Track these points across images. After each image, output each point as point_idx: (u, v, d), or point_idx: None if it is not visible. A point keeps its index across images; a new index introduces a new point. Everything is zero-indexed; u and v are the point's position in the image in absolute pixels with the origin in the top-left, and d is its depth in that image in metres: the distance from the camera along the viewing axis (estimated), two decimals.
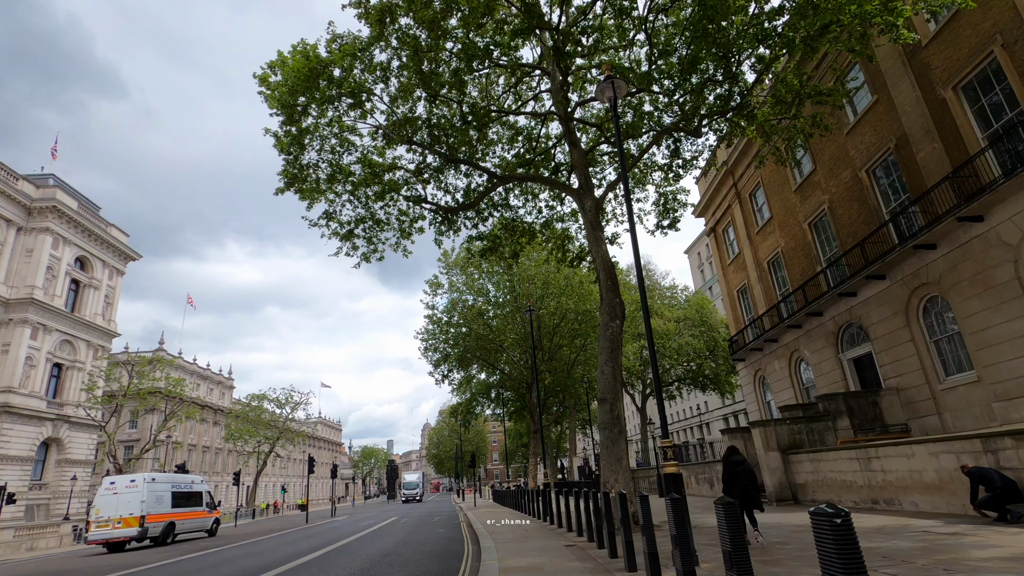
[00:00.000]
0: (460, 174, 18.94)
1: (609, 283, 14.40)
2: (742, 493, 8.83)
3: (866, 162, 16.80)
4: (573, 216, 21.87)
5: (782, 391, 22.74)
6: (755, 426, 15.88)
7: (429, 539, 15.17)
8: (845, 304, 18.00)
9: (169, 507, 19.12)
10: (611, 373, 13.18)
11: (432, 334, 33.68)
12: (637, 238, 9.01)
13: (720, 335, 43.60)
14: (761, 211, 24.19)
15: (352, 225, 18.66)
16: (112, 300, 46.82)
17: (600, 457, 12.67)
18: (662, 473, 7.37)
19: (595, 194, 16.09)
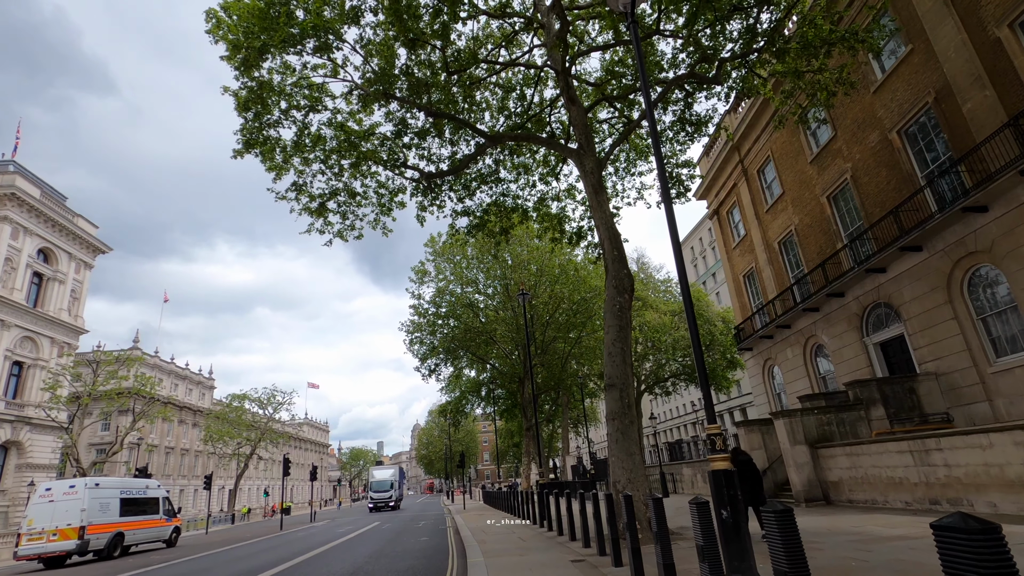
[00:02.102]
0: (445, 141, 16.98)
1: (615, 252, 12.54)
2: (749, 490, 9.08)
3: (898, 121, 15.06)
4: (570, 195, 20.02)
5: (795, 381, 21.00)
6: (779, 417, 14.07)
7: (409, 551, 13.18)
8: (872, 282, 16.28)
9: (117, 516, 16.91)
10: (620, 354, 11.29)
11: (418, 326, 31.63)
12: (666, 174, 7.11)
13: (717, 328, 42.07)
14: (771, 188, 22.46)
15: (325, 198, 16.68)
16: (79, 295, 44.21)
17: (608, 452, 10.77)
18: (709, 470, 5.46)
19: (597, 155, 14.21)
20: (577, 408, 50.90)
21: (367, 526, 24.10)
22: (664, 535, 5.91)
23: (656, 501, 6.46)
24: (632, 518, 6.51)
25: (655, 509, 6.32)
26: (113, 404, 37.19)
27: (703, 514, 5.65)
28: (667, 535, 5.98)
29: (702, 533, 5.52)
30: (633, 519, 6.54)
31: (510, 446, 66.71)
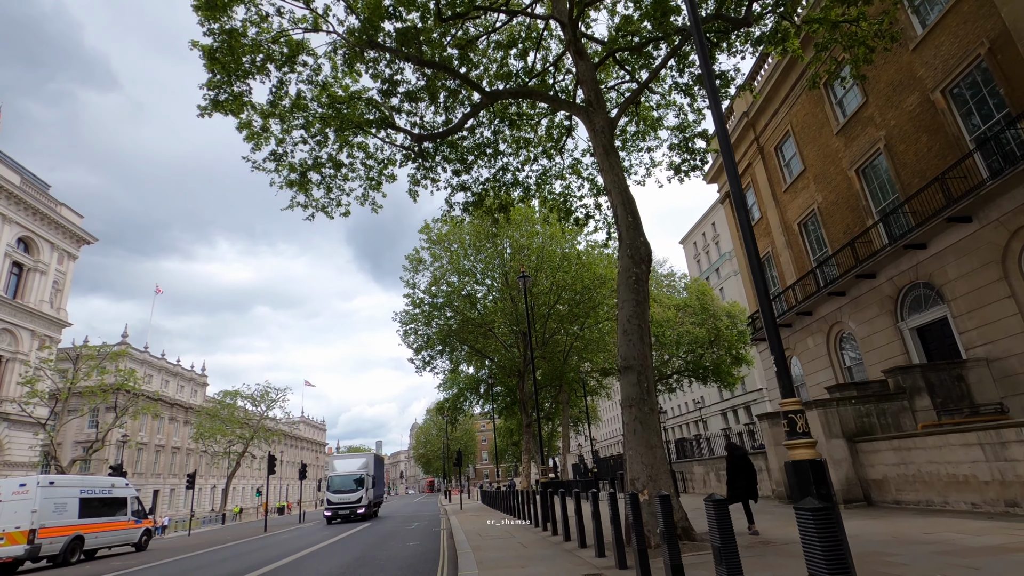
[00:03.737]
0: (439, 107, 15.43)
1: (629, 219, 11.00)
2: (745, 486, 9.24)
3: (942, 80, 13.52)
4: (575, 172, 18.45)
5: (817, 372, 19.46)
6: (812, 407, 12.52)
7: (394, 558, 11.62)
8: (909, 260, 14.74)
9: (76, 517, 15.33)
10: (637, 332, 9.75)
11: (413, 317, 30.05)
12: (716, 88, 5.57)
13: (722, 323, 40.63)
14: (790, 166, 20.91)
15: (306, 168, 15.15)
16: (62, 286, 42.59)
17: (624, 445, 9.23)
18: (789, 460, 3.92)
19: (608, 113, 12.66)
20: (579, 405, 49.41)
21: (357, 527, 22.55)
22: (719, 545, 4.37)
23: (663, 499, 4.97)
24: (671, 524, 4.94)
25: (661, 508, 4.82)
26: (95, 400, 35.56)
27: (720, 513, 4.18)
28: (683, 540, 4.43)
29: (720, 534, 4.12)
30: (672, 525, 4.97)
31: (509, 445, 65.19)
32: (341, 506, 27.32)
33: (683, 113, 16.26)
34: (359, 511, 27.20)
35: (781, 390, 4.40)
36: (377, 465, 32.49)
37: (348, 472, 28.32)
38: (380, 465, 35.36)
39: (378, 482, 32.84)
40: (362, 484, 27.78)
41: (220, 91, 12.82)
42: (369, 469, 29.14)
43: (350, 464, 29.35)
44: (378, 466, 33.01)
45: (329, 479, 28.24)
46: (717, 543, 3.98)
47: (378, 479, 32.85)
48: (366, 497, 27.84)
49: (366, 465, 29.09)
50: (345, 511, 27.21)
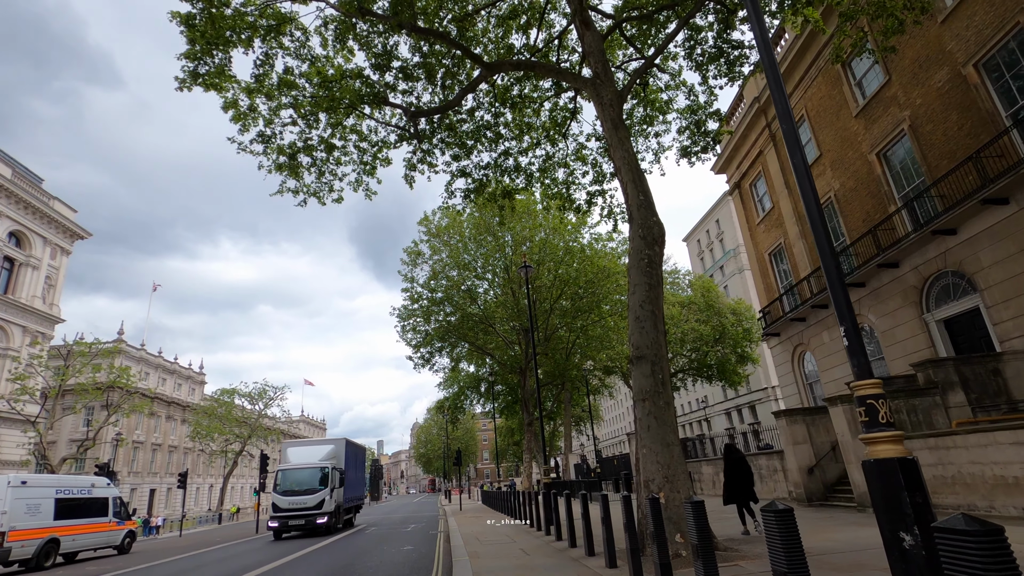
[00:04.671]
0: (435, 86, 14.56)
1: (640, 197, 10.12)
2: (743, 488, 9.23)
3: (975, 53, 12.60)
4: (579, 158, 17.57)
5: (833, 368, 18.54)
6: (836, 403, 11.62)
7: (384, 564, 10.75)
8: (937, 247, 13.82)
9: (51, 519, 14.46)
10: (650, 318, 8.87)
11: (411, 312, 29.17)
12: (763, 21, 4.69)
13: (728, 321, 39.75)
14: (805, 150, 19.97)
15: (296, 150, 14.31)
16: (55, 282, 41.81)
17: (636, 442, 8.34)
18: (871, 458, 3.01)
19: (616, 86, 11.78)
20: (581, 403, 48.52)
21: (347, 532, 21.68)
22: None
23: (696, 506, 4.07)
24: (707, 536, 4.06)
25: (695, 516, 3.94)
26: (87, 397, 34.74)
27: (785, 527, 3.27)
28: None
29: (785, 557, 3.19)
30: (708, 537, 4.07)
31: (510, 444, 64.32)
32: (292, 513, 19.23)
33: (694, 94, 15.41)
34: (319, 520, 19.22)
35: (855, 369, 3.53)
36: (352, 457, 24.14)
37: (305, 464, 20.60)
38: (358, 457, 26.42)
39: (354, 480, 24.51)
40: (326, 482, 19.88)
41: (200, 63, 11.96)
42: (338, 461, 21.65)
43: (310, 453, 21.46)
44: (353, 458, 24.56)
45: (278, 475, 20.25)
46: (783, 568, 3.09)
47: (354, 476, 24.41)
48: (331, 500, 19.84)
49: (333, 455, 21.48)
50: (299, 520, 19.22)
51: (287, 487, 19.80)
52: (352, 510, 24.71)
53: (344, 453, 22.38)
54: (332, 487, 20.01)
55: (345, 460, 22.40)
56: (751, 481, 9.38)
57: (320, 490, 19.67)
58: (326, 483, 19.84)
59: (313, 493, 19.59)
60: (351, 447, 24.41)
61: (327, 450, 21.65)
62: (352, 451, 24.50)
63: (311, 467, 20.37)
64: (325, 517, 19.36)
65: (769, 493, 16.17)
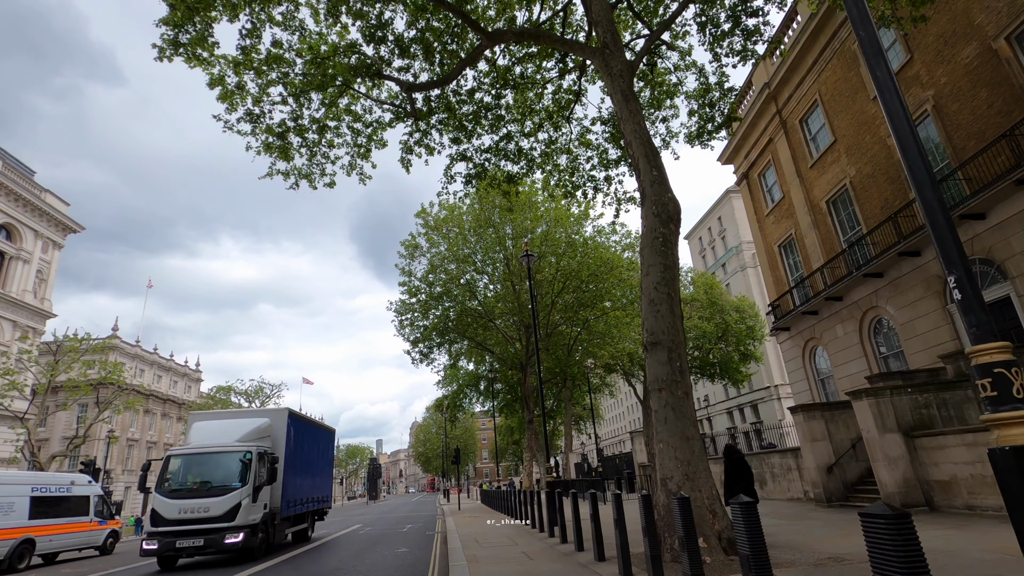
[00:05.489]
0: (433, 62, 13.78)
1: (654, 173, 9.37)
2: (744, 488, 9.04)
3: (1007, 24, 11.85)
4: (583, 143, 16.84)
5: (848, 363, 17.79)
6: (861, 397, 10.86)
7: (375, 567, 9.98)
8: (963, 233, 13.04)
9: (25, 518, 13.64)
10: (666, 301, 8.12)
11: (409, 306, 28.40)
12: None
13: (731, 318, 39.07)
14: (817, 139, 19.24)
15: (285, 130, 13.58)
16: (47, 276, 41.04)
17: (653, 437, 7.58)
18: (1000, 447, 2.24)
19: (626, 56, 11.02)
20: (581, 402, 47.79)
21: (346, 528, 20.94)
22: None
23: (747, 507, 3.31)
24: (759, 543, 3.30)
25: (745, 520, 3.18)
26: (78, 394, 33.94)
27: (902, 535, 2.50)
28: None
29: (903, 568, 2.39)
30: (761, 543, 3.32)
31: (509, 443, 63.59)
32: (182, 527, 12.03)
33: (704, 75, 14.69)
34: (229, 539, 11.94)
35: (973, 329, 2.79)
36: (300, 438, 16.12)
37: (212, 447, 13.21)
38: (315, 440, 18.04)
39: (307, 473, 16.72)
40: (246, 476, 12.66)
41: (181, 31, 11.19)
42: (273, 443, 14.42)
43: (223, 430, 13.87)
44: (304, 441, 16.48)
45: (166, 464, 13.04)
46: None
47: (305, 467, 16.56)
48: (253, 505, 12.61)
49: (263, 433, 14.17)
50: (191, 539, 11.95)
51: (180, 484, 12.60)
52: (306, 518, 17.08)
53: (286, 432, 14.75)
54: (257, 483, 12.70)
55: (288, 443, 14.72)
56: (751, 481, 9.32)
57: (234, 489, 12.27)
58: (245, 477, 12.49)
59: (221, 494, 12.17)
60: (298, 424, 16.12)
61: (253, 426, 13.98)
62: (301, 430, 16.19)
63: (221, 451, 12.89)
64: (240, 534, 11.84)
65: (783, 493, 15.43)
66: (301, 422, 16.84)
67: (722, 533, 6.76)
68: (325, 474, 19.58)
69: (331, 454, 20.83)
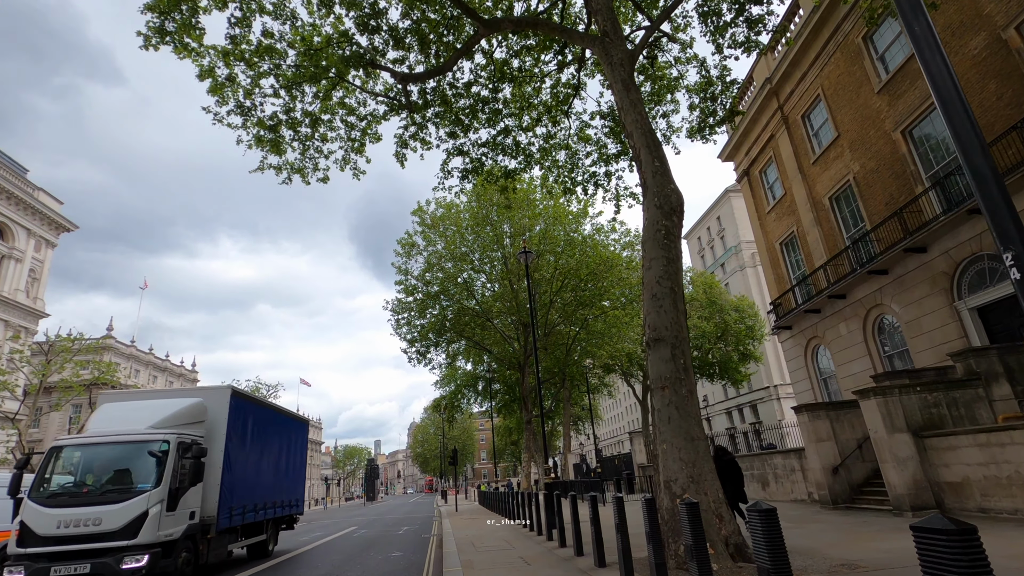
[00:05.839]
0: (429, 54, 13.45)
1: (656, 164, 9.05)
2: (733, 490, 8.97)
3: (1018, 14, 11.58)
4: (582, 138, 16.54)
5: (851, 363, 17.49)
6: (869, 395, 10.54)
7: (367, 573, 9.63)
8: (971, 228, 12.77)
9: (9, 523, 13.25)
10: (669, 296, 7.79)
11: (406, 305, 28.04)
12: None
13: (731, 317, 38.82)
14: (819, 135, 18.95)
15: (278, 121, 13.26)
16: (39, 275, 40.61)
17: (655, 437, 7.25)
18: None
19: (627, 45, 10.71)
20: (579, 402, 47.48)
21: (342, 531, 20.58)
22: None
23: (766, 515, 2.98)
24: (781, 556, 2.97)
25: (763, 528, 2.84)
26: (71, 394, 33.49)
27: (968, 554, 2.17)
28: None
29: None
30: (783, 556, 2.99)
31: (508, 444, 63.25)
32: (62, 547, 8.46)
33: (705, 68, 14.40)
34: (125, 567, 8.36)
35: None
36: (250, 426, 12.62)
37: (113, 436, 9.69)
38: (279, 430, 14.78)
39: (261, 472, 13.19)
40: (156, 476, 9.19)
41: (168, 19, 10.84)
42: (210, 430, 11.04)
43: (135, 413, 10.54)
44: (254, 430, 12.89)
45: (49, 460, 9.51)
46: None
47: (259, 464, 13.13)
48: (165, 517, 9.13)
49: (189, 418, 10.72)
50: (73, 564, 8.28)
51: (64, 486, 9.25)
52: (265, 527, 13.36)
53: (228, 417, 11.16)
54: (176, 485, 9.29)
55: (232, 431, 11.21)
56: (742, 483, 9.33)
57: (138, 492, 8.93)
58: (157, 477, 9.09)
59: (119, 500, 8.81)
60: (249, 408, 12.52)
61: (176, 408, 10.53)
62: (254, 416, 12.64)
63: (123, 441, 9.53)
64: (145, 556, 8.49)
65: (785, 495, 15.11)
66: (255, 406, 13.19)
67: (729, 539, 6.43)
68: (294, 474, 15.95)
69: (302, 449, 16.90)
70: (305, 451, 17.04)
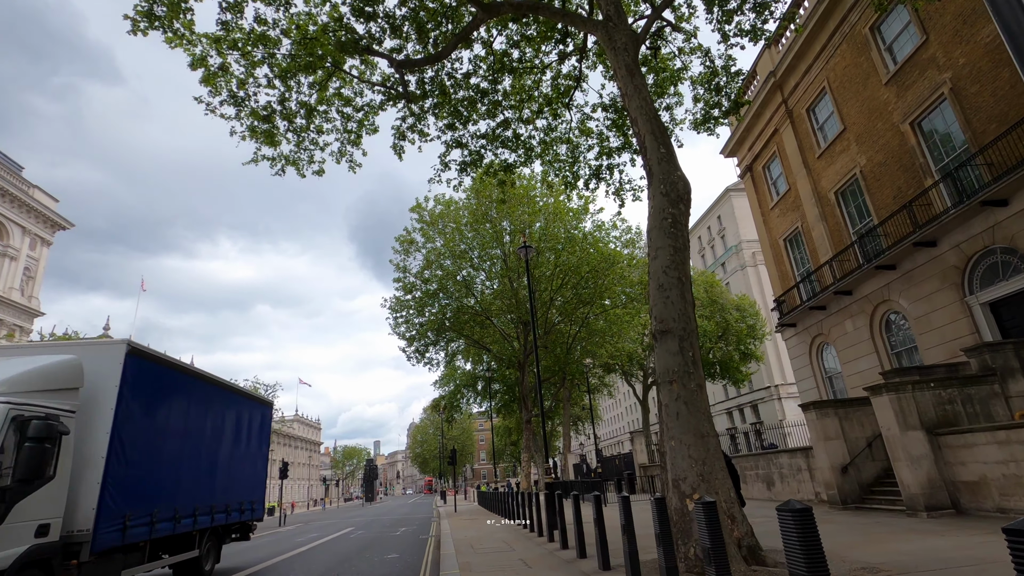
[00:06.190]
0: (427, 43, 13.12)
1: (662, 150, 8.72)
2: None
3: None
4: (584, 131, 16.20)
5: (858, 360, 17.15)
6: (881, 392, 10.19)
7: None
8: (983, 221, 12.44)
9: None
10: (676, 286, 7.46)
11: (404, 303, 27.69)
12: None
13: (732, 317, 38.54)
14: (824, 129, 18.61)
15: (271, 110, 12.93)
16: (34, 273, 40.23)
17: (662, 434, 6.90)
18: None
19: (630, 30, 10.38)
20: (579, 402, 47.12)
21: (337, 532, 20.23)
22: None
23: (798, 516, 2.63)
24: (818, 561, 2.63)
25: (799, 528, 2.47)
26: None
27: None
28: None
29: None
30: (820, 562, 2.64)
31: (507, 444, 62.85)
32: None
33: (710, 59, 14.07)
34: None
35: None
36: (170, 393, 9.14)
37: None
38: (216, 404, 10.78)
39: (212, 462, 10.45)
40: None
41: (155, 2, 10.51)
42: (90, 401, 7.48)
43: None
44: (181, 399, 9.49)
45: None
46: None
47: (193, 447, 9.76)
48: None
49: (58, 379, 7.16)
50: None
51: None
52: (197, 541, 9.93)
53: (120, 383, 7.82)
54: (4, 483, 5.98)
55: (124, 404, 7.84)
56: (738, 485, 8.96)
57: None
58: None
59: None
60: (160, 373, 8.96)
61: (26, 368, 7.09)
62: (168, 384, 9.23)
63: None
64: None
65: (791, 495, 14.77)
66: (177, 375, 9.35)
67: (742, 540, 6.08)
68: (248, 470, 11.99)
69: (261, 438, 12.94)
70: (266, 441, 13.41)
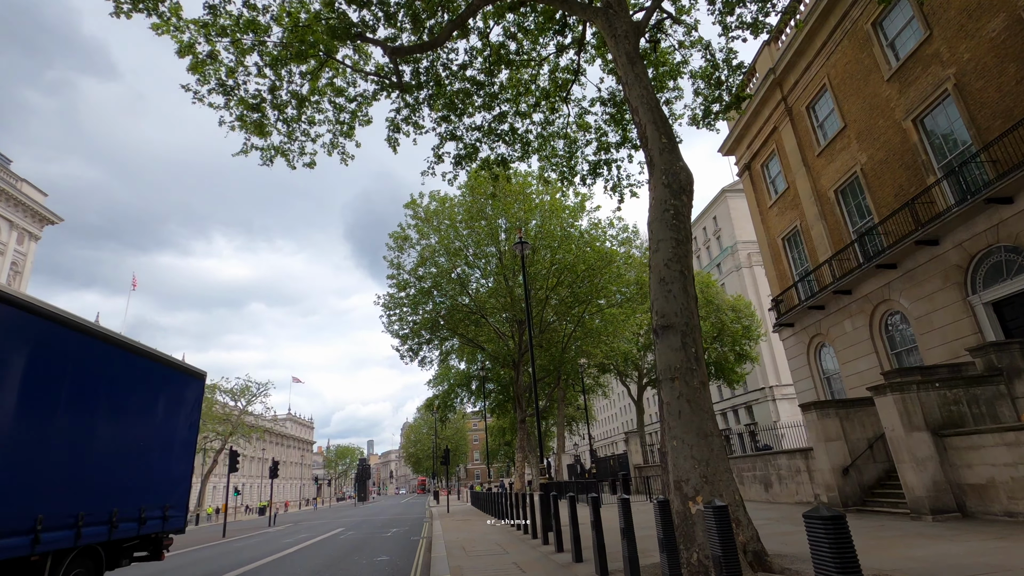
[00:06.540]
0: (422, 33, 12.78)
1: (663, 140, 8.43)
2: None
3: None
4: (582, 126, 15.92)
5: (856, 360, 16.94)
6: (885, 392, 9.94)
7: None
8: (987, 219, 12.23)
9: None
10: (678, 279, 7.17)
11: (398, 301, 27.31)
12: None
13: (727, 317, 38.35)
14: (824, 126, 18.40)
15: (261, 99, 12.59)
16: (22, 268, 39.60)
17: (663, 434, 6.60)
18: None
19: (632, 17, 10.10)
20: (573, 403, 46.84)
21: (327, 533, 19.86)
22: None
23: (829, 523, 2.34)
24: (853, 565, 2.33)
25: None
26: None
27: None
28: None
29: None
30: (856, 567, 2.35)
31: (501, 444, 62.47)
32: None
33: (710, 52, 13.82)
34: None
35: None
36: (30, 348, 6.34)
37: None
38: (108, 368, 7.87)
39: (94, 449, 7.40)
40: None
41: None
42: None
43: None
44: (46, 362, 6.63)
45: None
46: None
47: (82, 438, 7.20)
48: None
49: None
50: None
51: None
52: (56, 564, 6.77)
53: None
54: None
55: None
56: None
57: None
58: None
59: None
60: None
61: None
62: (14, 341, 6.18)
63: None
64: None
65: (790, 496, 14.52)
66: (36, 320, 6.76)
67: (747, 545, 5.80)
68: (157, 461, 9.07)
69: (186, 422, 10.10)
70: (195, 425, 10.38)
